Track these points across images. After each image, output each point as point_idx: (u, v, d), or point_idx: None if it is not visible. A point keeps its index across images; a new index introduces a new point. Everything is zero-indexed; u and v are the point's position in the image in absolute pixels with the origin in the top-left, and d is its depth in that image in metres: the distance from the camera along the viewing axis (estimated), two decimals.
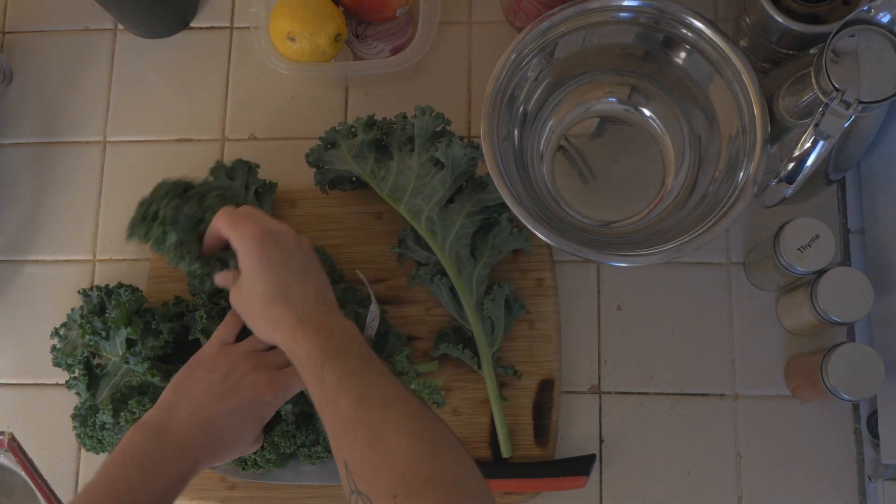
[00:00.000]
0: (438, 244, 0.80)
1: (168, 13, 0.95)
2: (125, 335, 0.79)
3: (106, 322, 0.79)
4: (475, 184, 0.82)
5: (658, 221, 0.83)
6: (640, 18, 0.79)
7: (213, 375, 0.71)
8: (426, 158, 0.81)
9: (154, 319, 0.80)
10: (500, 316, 0.81)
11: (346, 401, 0.60)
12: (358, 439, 0.57)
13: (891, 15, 0.66)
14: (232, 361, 0.72)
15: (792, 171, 0.67)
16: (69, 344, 0.83)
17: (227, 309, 0.79)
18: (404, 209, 0.81)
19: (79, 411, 0.81)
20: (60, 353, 0.82)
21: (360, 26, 0.92)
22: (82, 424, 0.80)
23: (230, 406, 0.70)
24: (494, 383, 0.80)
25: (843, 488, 0.80)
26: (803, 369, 0.79)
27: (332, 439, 0.60)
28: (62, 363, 0.82)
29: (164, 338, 0.79)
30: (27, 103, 0.96)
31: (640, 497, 0.81)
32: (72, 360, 0.81)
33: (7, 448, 0.77)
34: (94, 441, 0.80)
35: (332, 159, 0.83)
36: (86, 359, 0.81)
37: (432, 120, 0.80)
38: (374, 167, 0.82)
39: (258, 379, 0.71)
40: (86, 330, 0.80)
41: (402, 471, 0.54)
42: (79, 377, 0.81)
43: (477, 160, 0.80)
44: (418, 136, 0.81)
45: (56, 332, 0.84)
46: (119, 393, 0.78)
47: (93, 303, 0.83)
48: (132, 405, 0.76)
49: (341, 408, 0.60)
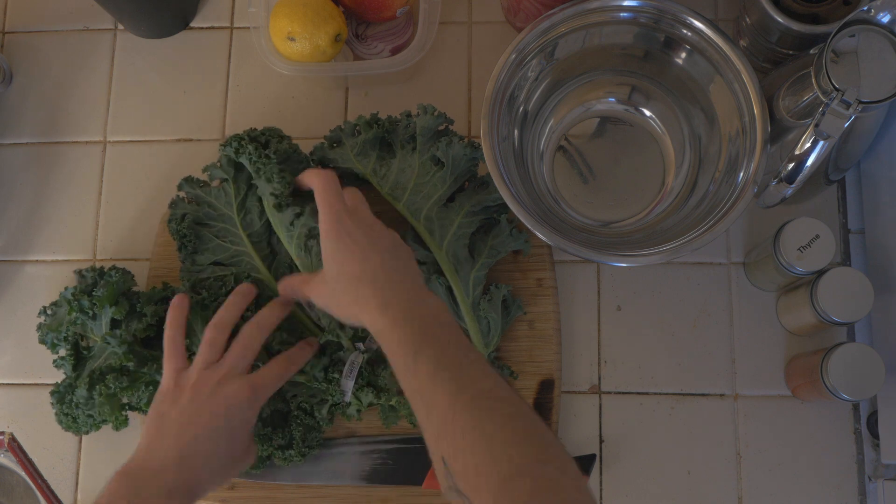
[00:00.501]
0: (436, 243, 0.80)
1: (168, 13, 0.95)
2: (110, 315, 0.79)
3: (93, 300, 0.79)
4: (477, 184, 0.82)
5: (658, 221, 0.83)
6: (640, 18, 0.79)
7: (180, 403, 0.69)
8: (427, 157, 0.81)
9: (139, 302, 0.80)
10: (497, 317, 0.80)
11: (443, 394, 0.57)
12: (458, 437, 0.55)
13: (891, 15, 0.66)
14: (193, 383, 0.70)
15: (792, 172, 0.67)
16: (56, 320, 0.82)
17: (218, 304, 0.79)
18: (403, 207, 0.81)
19: (58, 388, 0.81)
20: (46, 328, 0.82)
21: (361, 26, 0.92)
22: (59, 402, 0.80)
23: (206, 426, 0.68)
24: None
25: (844, 488, 0.80)
26: (803, 369, 0.79)
27: (425, 431, 0.58)
28: (47, 340, 0.82)
29: (147, 320, 0.79)
30: (27, 103, 0.96)
31: (641, 497, 0.81)
32: (57, 336, 0.81)
33: (7, 448, 0.77)
34: (70, 419, 0.80)
35: (335, 157, 0.83)
36: (74, 340, 0.81)
37: (434, 119, 0.80)
38: (375, 165, 0.82)
39: (226, 389, 0.69)
40: (73, 307, 0.80)
41: (508, 477, 0.52)
42: (66, 357, 0.81)
43: (477, 160, 0.80)
44: (420, 134, 0.81)
45: (44, 310, 0.84)
46: (98, 372, 0.78)
47: (86, 283, 0.83)
48: (109, 380, 0.76)
49: (438, 401, 0.57)
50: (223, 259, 0.84)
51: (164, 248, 0.88)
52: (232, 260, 0.83)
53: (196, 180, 0.85)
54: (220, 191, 0.84)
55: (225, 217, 0.84)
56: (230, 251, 0.84)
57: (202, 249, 0.84)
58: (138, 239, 0.91)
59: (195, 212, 0.84)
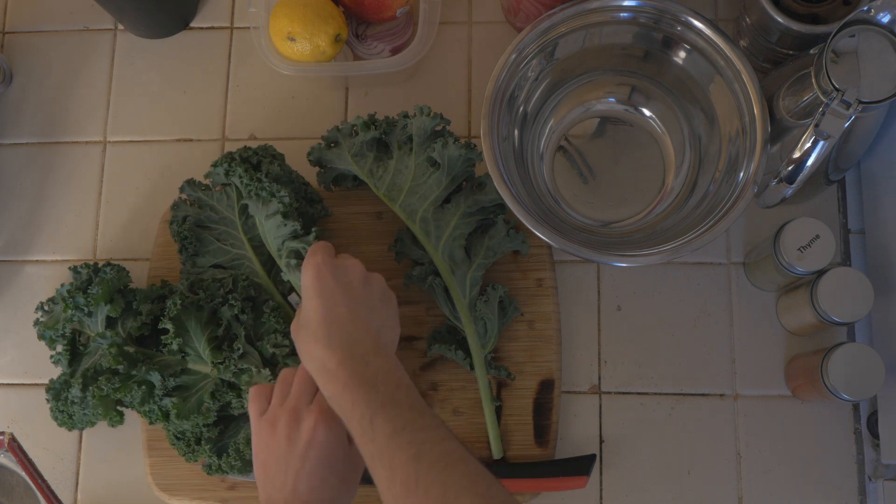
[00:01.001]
0: (432, 244, 0.80)
1: (168, 13, 0.95)
2: (105, 312, 0.79)
3: (88, 298, 0.79)
4: (474, 184, 0.82)
5: (658, 221, 0.83)
6: (640, 18, 0.79)
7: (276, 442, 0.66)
8: (423, 158, 0.80)
9: (136, 300, 0.80)
10: (494, 317, 0.80)
11: (403, 458, 0.57)
12: (422, 502, 0.55)
13: (891, 15, 0.66)
14: (284, 422, 0.66)
15: (792, 172, 0.67)
16: (52, 317, 0.83)
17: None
18: (399, 209, 0.81)
19: (53, 385, 0.81)
20: (43, 326, 0.82)
21: (361, 26, 0.92)
22: (55, 398, 0.80)
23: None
24: (486, 385, 0.80)
25: (844, 488, 0.80)
26: (804, 369, 0.79)
27: (386, 495, 0.57)
28: (45, 336, 0.82)
29: (141, 319, 0.79)
30: (27, 103, 0.96)
31: (641, 497, 0.81)
32: (54, 333, 0.81)
33: (7, 448, 0.77)
34: (65, 416, 0.80)
35: (332, 158, 0.83)
36: (71, 336, 0.81)
37: (430, 120, 0.80)
38: (372, 166, 0.82)
39: (318, 429, 0.65)
40: (68, 305, 0.80)
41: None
42: (62, 353, 0.81)
43: (474, 161, 0.80)
44: (416, 135, 0.81)
45: (41, 305, 0.84)
46: (92, 370, 0.78)
47: (81, 279, 0.83)
48: (101, 381, 0.76)
49: (397, 465, 0.57)
50: (224, 262, 0.84)
51: (164, 248, 0.88)
52: (232, 263, 0.83)
53: (198, 183, 0.85)
54: (223, 194, 0.84)
55: (226, 220, 0.84)
56: (231, 254, 0.83)
57: (203, 252, 0.84)
58: (138, 239, 0.91)
59: (197, 214, 0.84)
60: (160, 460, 0.83)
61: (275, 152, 0.83)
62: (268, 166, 0.80)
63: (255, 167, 0.80)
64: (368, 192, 0.85)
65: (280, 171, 0.80)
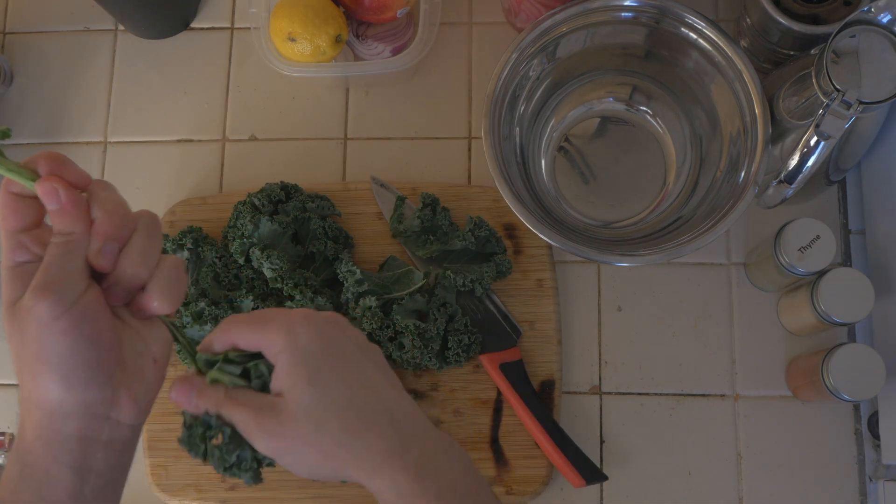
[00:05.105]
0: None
1: (168, 14, 0.95)
2: None
3: None
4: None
5: (659, 221, 0.83)
6: (641, 18, 0.79)
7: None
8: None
9: None
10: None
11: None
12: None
13: (891, 15, 0.66)
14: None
15: (793, 172, 0.67)
16: None
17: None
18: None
19: None
20: None
21: (361, 27, 0.92)
22: None
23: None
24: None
25: (844, 489, 0.80)
26: (804, 370, 0.79)
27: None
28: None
29: None
30: (27, 104, 0.96)
31: (641, 497, 0.81)
32: None
33: (7, 449, 0.77)
34: None
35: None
36: None
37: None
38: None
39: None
40: None
41: None
42: None
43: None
44: None
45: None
46: None
47: None
48: None
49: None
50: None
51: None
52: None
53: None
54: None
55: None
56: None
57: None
58: None
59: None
60: (160, 461, 0.83)
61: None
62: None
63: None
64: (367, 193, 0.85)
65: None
